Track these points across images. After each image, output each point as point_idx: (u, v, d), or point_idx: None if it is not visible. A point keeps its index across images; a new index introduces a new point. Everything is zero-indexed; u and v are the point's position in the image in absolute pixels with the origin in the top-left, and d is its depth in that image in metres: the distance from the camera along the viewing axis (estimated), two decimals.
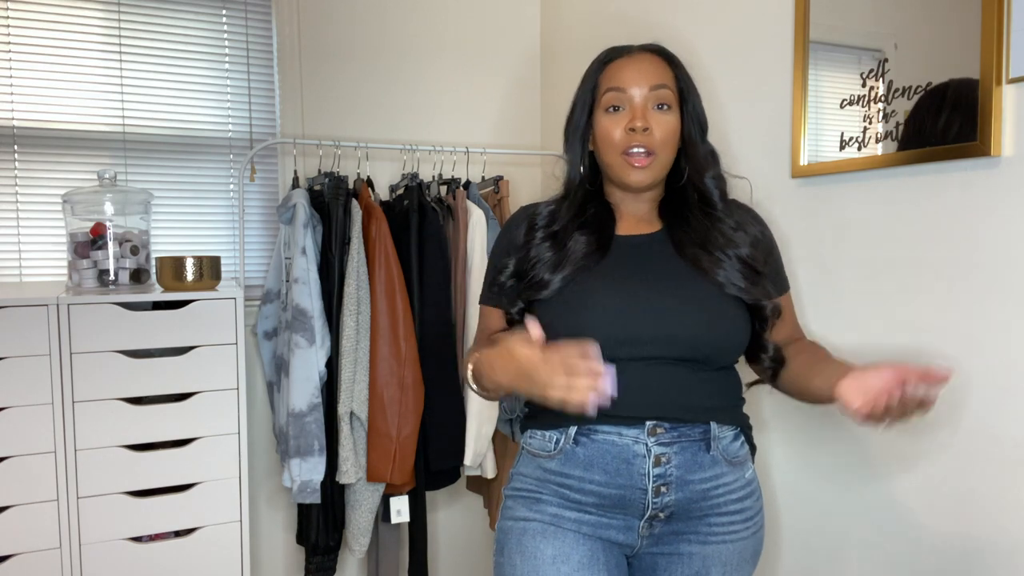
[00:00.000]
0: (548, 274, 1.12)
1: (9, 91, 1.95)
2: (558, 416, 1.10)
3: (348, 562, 2.35)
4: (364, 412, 1.94)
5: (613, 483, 1.09)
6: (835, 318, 1.47)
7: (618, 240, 1.16)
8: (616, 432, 1.09)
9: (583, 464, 1.10)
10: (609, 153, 1.14)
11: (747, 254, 1.14)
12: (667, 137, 1.13)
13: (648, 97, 1.13)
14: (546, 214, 1.19)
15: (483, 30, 2.47)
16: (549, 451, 1.14)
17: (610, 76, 1.16)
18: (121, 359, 1.65)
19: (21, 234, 1.98)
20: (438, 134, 2.42)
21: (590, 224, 1.16)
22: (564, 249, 1.13)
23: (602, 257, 1.13)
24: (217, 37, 2.16)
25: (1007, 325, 1.18)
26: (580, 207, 1.18)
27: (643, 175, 1.13)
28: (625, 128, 1.12)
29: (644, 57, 1.16)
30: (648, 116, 1.12)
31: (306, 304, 1.89)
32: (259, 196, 2.24)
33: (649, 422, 1.08)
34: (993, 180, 1.19)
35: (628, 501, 1.09)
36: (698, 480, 1.10)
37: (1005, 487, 1.20)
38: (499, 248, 1.24)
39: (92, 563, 1.65)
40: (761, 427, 1.64)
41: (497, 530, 1.19)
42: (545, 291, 1.11)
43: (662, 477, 1.08)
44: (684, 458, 1.09)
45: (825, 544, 1.52)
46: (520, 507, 1.16)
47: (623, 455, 1.08)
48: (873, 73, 1.36)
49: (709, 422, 1.11)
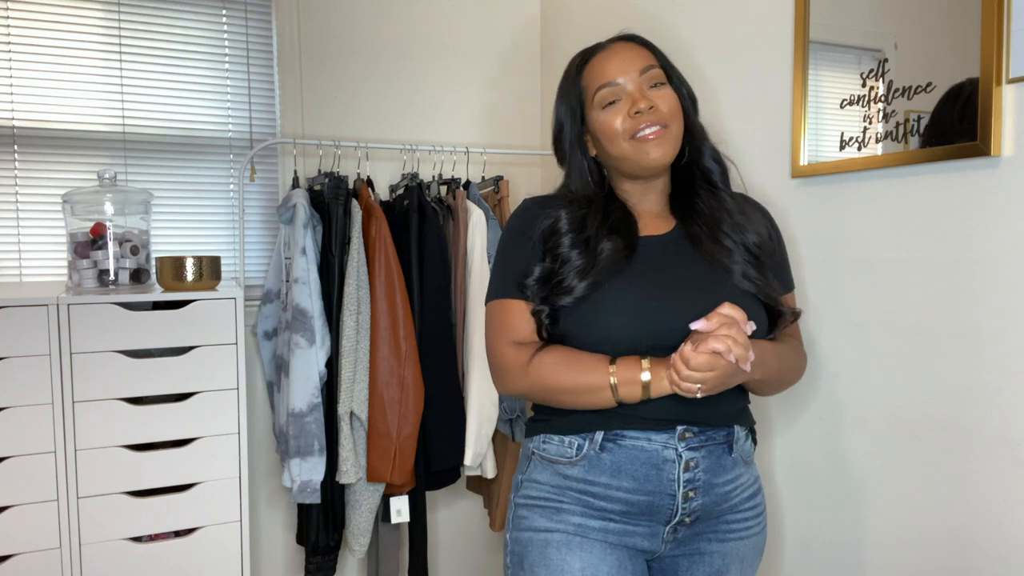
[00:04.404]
0: (578, 280, 1.08)
1: (9, 91, 1.95)
2: (580, 420, 1.09)
3: (348, 562, 2.35)
4: (364, 412, 1.94)
5: (641, 489, 1.07)
6: (835, 318, 1.47)
7: (640, 241, 1.15)
8: (645, 437, 1.07)
9: (610, 471, 1.08)
10: (617, 145, 1.12)
11: (753, 242, 1.14)
12: (674, 108, 1.12)
13: (641, 80, 1.11)
14: (570, 219, 1.14)
15: (483, 30, 2.47)
16: (570, 457, 1.10)
17: (594, 75, 1.14)
18: (121, 359, 1.65)
19: (21, 234, 1.98)
20: (438, 134, 2.42)
21: (616, 228, 1.13)
22: (595, 254, 1.10)
23: (629, 260, 1.11)
24: (217, 37, 2.16)
25: (1007, 325, 1.18)
26: (605, 212, 1.15)
27: (661, 149, 1.10)
28: (627, 114, 1.10)
29: (621, 46, 1.15)
30: (648, 95, 1.11)
31: (306, 304, 1.89)
32: (259, 196, 2.24)
33: (679, 427, 1.08)
34: (993, 180, 1.19)
35: (656, 508, 1.08)
36: (722, 483, 1.11)
37: (1005, 487, 1.20)
38: (514, 244, 1.17)
39: (92, 563, 1.65)
40: (766, 428, 1.64)
41: (512, 542, 1.14)
42: (576, 295, 1.08)
43: (691, 482, 1.08)
44: (710, 462, 1.09)
45: (826, 544, 1.52)
46: (538, 517, 1.12)
47: (652, 460, 1.07)
48: (873, 73, 1.36)
49: (732, 425, 1.12)
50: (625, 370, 1.03)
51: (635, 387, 1.02)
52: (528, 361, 1.09)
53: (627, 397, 1.04)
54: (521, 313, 1.13)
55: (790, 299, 1.25)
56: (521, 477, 1.17)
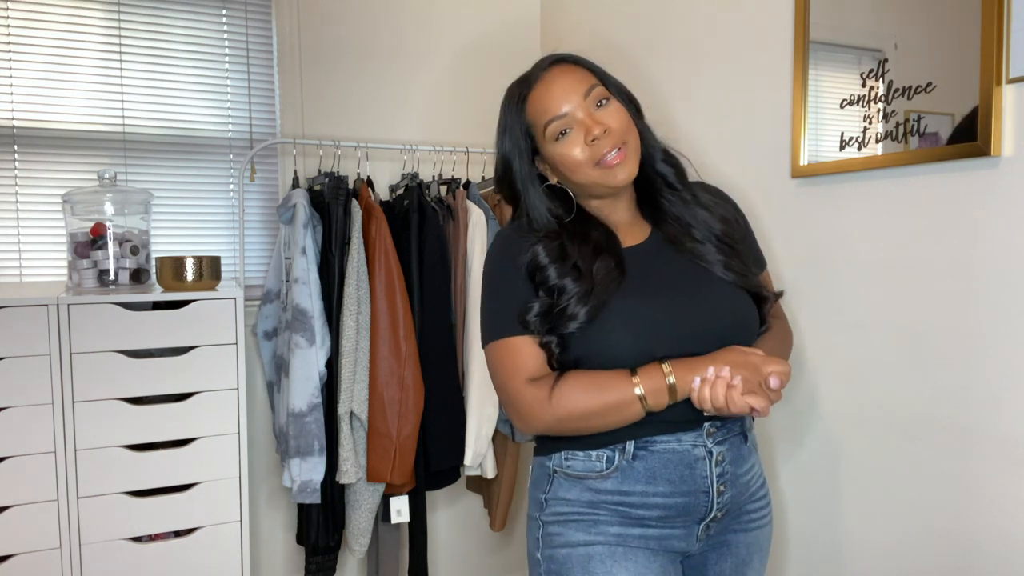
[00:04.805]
0: (581, 305, 1.06)
1: (9, 91, 1.95)
2: (606, 433, 1.08)
3: (348, 562, 2.35)
4: (364, 412, 1.94)
5: (678, 491, 1.07)
6: (835, 318, 1.47)
7: (626, 253, 1.15)
8: (675, 439, 1.08)
9: (644, 478, 1.07)
10: (583, 174, 1.11)
11: (721, 230, 1.16)
12: (624, 123, 1.11)
13: (586, 104, 1.10)
14: (548, 252, 1.11)
15: (483, 30, 2.47)
16: (600, 471, 1.09)
17: (539, 110, 1.12)
18: (121, 359, 1.65)
19: (21, 234, 1.98)
20: (438, 134, 2.42)
21: (603, 248, 1.13)
22: (590, 277, 1.09)
23: (623, 275, 1.10)
24: (217, 37, 2.16)
25: (1007, 325, 1.18)
26: (583, 235, 1.14)
27: (627, 170, 1.10)
28: (585, 143, 1.09)
29: (558, 72, 1.13)
30: (597, 118, 1.10)
31: (306, 304, 1.89)
32: (259, 196, 2.24)
33: (706, 424, 1.09)
34: (993, 180, 1.19)
35: (692, 507, 1.08)
36: (743, 472, 1.13)
37: (1005, 487, 1.20)
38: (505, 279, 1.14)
39: (92, 563, 1.65)
40: (768, 428, 1.64)
41: (546, 560, 1.12)
42: (582, 320, 1.06)
43: (722, 476, 1.09)
44: (733, 453, 1.12)
45: (827, 544, 1.52)
46: (574, 531, 1.10)
47: (685, 461, 1.08)
48: (873, 73, 1.36)
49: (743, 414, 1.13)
50: (649, 379, 1.03)
51: (662, 394, 1.03)
52: (549, 395, 1.06)
53: (655, 405, 1.03)
54: (529, 348, 1.09)
55: (766, 278, 1.27)
56: (544, 496, 1.14)
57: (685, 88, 1.84)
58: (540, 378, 1.09)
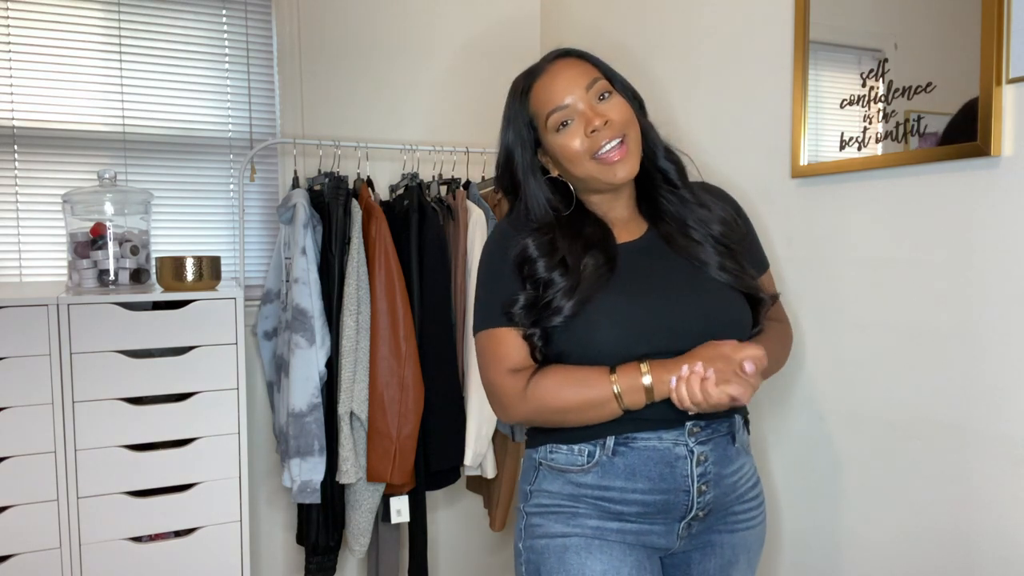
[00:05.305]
0: (566, 299, 1.07)
1: (9, 91, 1.95)
2: (588, 427, 1.08)
3: (348, 562, 2.35)
4: (364, 412, 1.94)
5: (657, 489, 1.08)
6: (835, 318, 1.47)
7: (619, 249, 1.15)
8: (656, 437, 1.08)
9: (624, 474, 1.08)
10: (579, 166, 1.11)
11: (720, 232, 1.16)
12: (626, 116, 1.12)
13: (588, 96, 1.11)
14: (538, 245, 1.12)
15: (483, 30, 2.47)
16: (581, 465, 1.10)
17: (542, 101, 1.13)
18: (121, 359, 1.65)
19: (21, 234, 1.98)
20: (438, 134, 2.42)
21: (594, 243, 1.13)
22: (577, 272, 1.09)
23: (612, 271, 1.11)
24: (217, 37, 2.16)
25: (1007, 325, 1.18)
26: (576, 230, 1.14)
27: (627, 167, 1.10)
28: (584, 134, 1.10)
29: (562, 64, 1.14)
30: (599, 111, 1.10)
31: (306, 304, 1.89)
32: (259, 196, 2.24)
33: (688, 423, 1.08)
34: (993, 180, 1.19)
35: (671, 505, 1.09)
36: (729, 473, 1.12)
37: (1005, 487, 1.20)
38: (495, 271, 1.15)
39: (92, 563, 1.65)
40: (766, 428, 1.64)
41: (526, 550, 1.14)
42: (566, 314, 1.07)
43: (703, 476, 1.09)
44: (718, 454, 1.11)
45: (825, 544, 1.52)
46: (554, 523, 1.11)
47: (665, 459, 1.08)
48: (873, 73, 1.36)
49: (733, 415, 1.14)
50: (626, 378, 1.03)
51: (639, 393, 1.03)
52: (525, 386, 1.08)
53: (632, 404, 1.04)
54: (513, 340, 1.11)
55: (767, 279, 1.27)
56: (529, 487, 1.16)
57: (685, 88, 1.84)
58: (521, 369, 1.10)
